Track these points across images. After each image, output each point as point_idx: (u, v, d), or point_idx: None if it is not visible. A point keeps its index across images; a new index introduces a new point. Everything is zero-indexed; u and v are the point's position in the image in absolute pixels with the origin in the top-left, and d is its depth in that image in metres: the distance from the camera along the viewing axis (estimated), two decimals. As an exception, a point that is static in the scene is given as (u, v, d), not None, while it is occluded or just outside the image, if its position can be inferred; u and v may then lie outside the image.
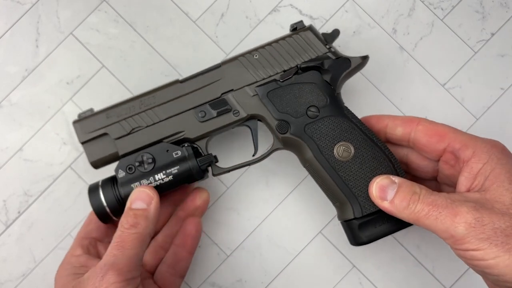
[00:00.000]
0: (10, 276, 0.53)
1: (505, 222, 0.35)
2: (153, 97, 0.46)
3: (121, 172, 0.45)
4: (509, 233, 0.34)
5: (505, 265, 0.34)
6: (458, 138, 0.41)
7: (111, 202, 0.44)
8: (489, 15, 0.54)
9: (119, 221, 0.42)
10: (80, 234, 0.47)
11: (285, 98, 0.45)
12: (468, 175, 0.39)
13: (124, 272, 0.39)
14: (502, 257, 0.34)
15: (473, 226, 0.35)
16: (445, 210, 0.36)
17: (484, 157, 0.39)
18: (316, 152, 0.44)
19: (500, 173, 0.37)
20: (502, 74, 0.54)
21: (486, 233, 0.35)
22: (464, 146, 0.40)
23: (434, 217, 0.37)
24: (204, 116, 0.46)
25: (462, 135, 0.42)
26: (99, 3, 0.55)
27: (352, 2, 0.55)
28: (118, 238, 0.41)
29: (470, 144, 0.40)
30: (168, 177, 0.45)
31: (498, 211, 0.35)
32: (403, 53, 0.54)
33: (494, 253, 0.34)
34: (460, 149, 0.41)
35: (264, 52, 0.46)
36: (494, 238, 0.34)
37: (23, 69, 0.55)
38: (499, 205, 0.36)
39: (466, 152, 0.40)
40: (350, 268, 0.52)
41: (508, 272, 0.34)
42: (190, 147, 0.46)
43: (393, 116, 0.46)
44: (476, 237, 0.35)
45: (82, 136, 0.46)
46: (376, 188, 0.41)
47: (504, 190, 0.37)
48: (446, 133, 0.42)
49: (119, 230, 0.41)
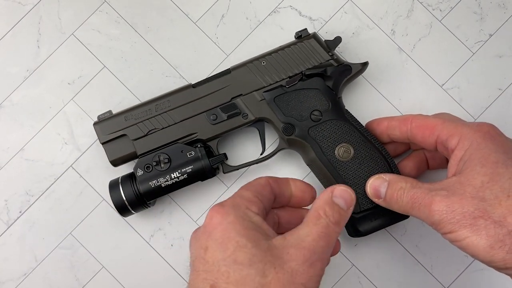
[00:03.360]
0: (11, 275, 0.53)
1: (473, 206, 0.38)
2: (168, 101, 0.49)
3: (139, 171, 0.48)
4: (477, 215, 0.37)
5: (475, 245, 0.37)
6: (445, 129, 0.43)
7: (130, 197, 0.48)
8: (487, 16, 0.55)
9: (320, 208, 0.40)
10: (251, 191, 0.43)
11: (290, 103, 0.48)
12: (453, 162, 0.42)
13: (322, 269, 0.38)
14: (471, 238, 0.37)
15: (445, 213, 0.38)
16: (423, 201, 0.40)
17: (466, 143, 0.41)
18: (319, 152, 0.47)
19: (474, 157, 0.40)
20: (500, 74, 0.54)
21: (456, 217, 0.38)
22: (451, 136, 0.42)
23: (417, 208, 0.40)
24: (215, 119, 0.49)
25: (450, 125, 0.43)
26: (100, 4, 0.56)
27: (351, 3, 0.55)
28: (325, 229, 0.39)
29: (456, 133, 0.42)
30: (183, 175, 0.48)
31: (468, 195, 0.38)
32: (401, 54, 0.54)
33: (464, 234, 0.38)
34: (448, 139, 0.43)
35: (271, 59, 0.49)
36: (463, 221, 0.38)
37: (24, 70, 0.55)
38: (470, 188, 0.39)
39: (452, 141, 0.42)
40: (349, 267, 0.53)
41: (479, 253, 0.37)
42: (203, 148, 0.49)
43: (390, 117, 0.49)
44: (448, 222, 0.38)
45: (103, 137, 0.50)
46: (370, 189, 0.45)
47: (475, 174, 0.39)
48: (435, 125, 0.44)
49: (324, 219, 0.39)
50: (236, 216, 0.39)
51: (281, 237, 0.39)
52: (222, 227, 0.38)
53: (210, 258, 0.37)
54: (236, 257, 0.36)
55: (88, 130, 0.55)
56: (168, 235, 0.54)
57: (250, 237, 0.37)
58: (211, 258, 0.37)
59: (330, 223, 0.39)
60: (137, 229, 0.54)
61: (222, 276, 0.36)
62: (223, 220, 0.38)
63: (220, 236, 0.38)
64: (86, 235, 0.54)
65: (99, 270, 0.53)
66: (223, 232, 0.38)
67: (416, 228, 0.52)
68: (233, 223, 0.38)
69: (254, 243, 0.37)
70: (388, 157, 0.47)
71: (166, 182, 0.48)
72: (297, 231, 0.39)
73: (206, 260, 0.37)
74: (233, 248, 0.37)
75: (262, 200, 0.42)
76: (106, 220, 0.54)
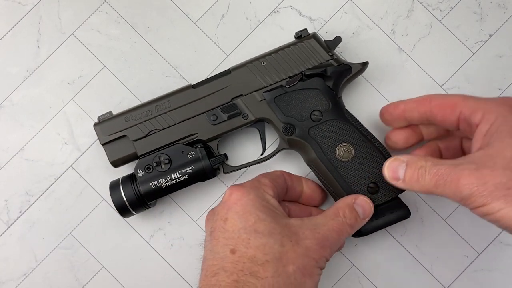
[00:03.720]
0: (11, 275, 0.53)
1: (506, 176, 0.36)
2: (168, 101, 0.49)
3: (140, 172, 0.48)
4: (510, 185, 0.36)
5: (509, 217, 0.36)
6: (467, 104, 0.42)
7: (131, 198, 0.48)
8: (487, 16, 0.55)
9: (340, 208, 0.44)
10: (268, 178, 0.46)
11: (290, 103, 0.48)
12: (478, 137, 0.40)
13: None
14: (505, 209, 0.36)
15: (476, 186, 0.37)
16: (449, 177, 0.38)
17: (491, 117, 0.40)
18: (319, 153, 0.47)
19: (503, 130, 0.38)
20: (500, 74, 0.54)
21: (488, 189, 0.36)
22: (474, 111, 0.41)
23: (442, 185, 0.39)
24: (215, 120, 0.49)
25: (472, 101, 0.42)
26: (100, 4, 0.56)
27: (351, 3, 0.55)
28: (340, 226, 0.42)
29: (479, 107, 0.41)
30: (184, 176, 0.48)
31: (499, 167, 0.37)
32: (401, 54, 0.55)
33: (498, 206, 0.36)
34: (471, 115, 0.41)
35: (271, 59, 0.49)
36: (496, 193, 0.36)
37: (24, 70, 0.55)
38: (500, 160, 0.37)
39: (476, 116, 0.41)
40: (349, 267, 0.53)
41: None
42: (203, 148, 0.49)
43: (407, 100, 0.47)
44: (480, 195, 0.36)
45: (103, 138, 0.49)
46: (388, 171, 0.42)
47: (505, 145, 0.38)
48: (456, 102, 0.43)
49: (341, 218, 0.43)
50: (255, 195, 0.42)
51: (298, 219, 0.42)
52: (242, 202, 0.41)
53: (230, 227, 0.41)
54: (257, 227, 0.40)
55: (88, 130, 0.55)
56: (168, 235, 0.54)
57: (268, 213, 0.41)
58: (231, 227, 0.41)
59: (345, 223, 0.43)
60: (137, 229, 0.54)
61: (243, 242, 0.40)
62: (243, 197, 0.42)
63: (241, 209, 0.41)
64: (86, 235, 0.54)
65: (99, 270, 0.53)
66: (244, 207, 0.41)
67: (416, 228, 0.53)
68: (252, 200, 0.41)
69: (272, 218, 0.41)
70: (388, 157, 0.46)
71: (167, 183, 0.48)
72: (314, 219, 0.43)
73: (226, 229, 0.41)
74: (254, 220, 0.40)
75: (277, 187, 0.45)
76: (106, 220, 0.54)
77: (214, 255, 0.41)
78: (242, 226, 0.40)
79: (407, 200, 0.51)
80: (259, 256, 0.39)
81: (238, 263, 0.39)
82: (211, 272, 0.40)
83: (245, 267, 0.39)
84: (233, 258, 0.39)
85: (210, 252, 0.41)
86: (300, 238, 0.40)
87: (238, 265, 0.39)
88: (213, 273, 0.39)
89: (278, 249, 0.39)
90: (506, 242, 0.52)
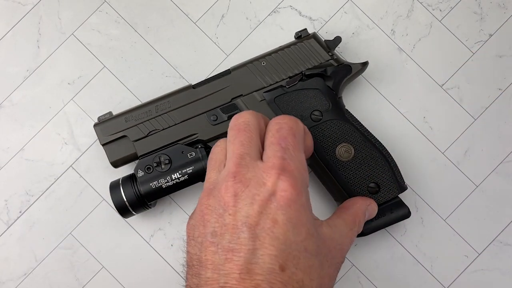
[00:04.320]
0: (11, 275, 0.53)
1: None
2: (168, 102, 0.49)
3: (140, 172, 0.48)
4: None
5: None
6: None
7: (131, 198, 0.48)
8: (487, 16, 0.55)
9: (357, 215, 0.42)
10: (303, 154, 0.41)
11: (290, 103, 0.48)
12: None
13: None
14: None
15: None
16: None
17: None
18: (320, 152, 0.47)
19: None
20: (500, 75, 0.54)
21: None
22: None
23: None
24: (216, 120, 0.49)
25: None
26: (100, 4, 0.56)
27: (351, 3, 0.55)
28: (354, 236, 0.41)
29: None
30: (184, 176, 0.48)
31: None
32: (401, 54, 0.55)
33: None
34: None
35: (271, 60, 0.49)
36: None
37: (24, 70, 0.55)
38: None
39: None
40: (349, 267, 0.53)
41: None
42: (204, 149, 0.49)
43: None
44: None
45: (103, 138, 0.49)
46: None
47: None
48: None
49: (356, 228, 0.42)
50: (306, 198, 0.35)
51: (327, 226, 0.37)
52: (296, 207, 0.33)
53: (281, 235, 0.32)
54: (307, 245, 0.33)
55: (88, 130, 0.55)
56: (168, 235, 0.54)
57: (315, 225, 0.35)
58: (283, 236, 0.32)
59: (356, 232, 0.41)
60: (137, 229, 0.54)
61: (293, 260, 0.32)
62: (297, 199, 0.33)
63: (295, 217, 0.33)
64: (86, 235, 0.54)
65: (99, 270, 0.53)
66: (297, 214, 0.33)
67: (416, 228, 0.53)
68: (304, 206, 0.34)
69: (316, 232, 0.35)
70: (388, 157, 0.47)
71: (167, 183, 0.48)
72: (339, 227, 0.39)
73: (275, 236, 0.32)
74: (304, 235, 0.33)
75: None
76: (106, 220, 0.54)
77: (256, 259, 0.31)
78: (293, 240, 0.32)
79: (407, 200, 0.52)
80: (307, 282, 0.32)
81: (287, 285, 0.31)
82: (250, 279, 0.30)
83: None
84: (282, 277, 0.31)
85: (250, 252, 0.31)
86: (333, 257, 0.36)
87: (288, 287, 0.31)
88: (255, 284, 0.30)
89: (320, 273, 0.34)
90: (506, 242, 0.52)
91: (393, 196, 0.47)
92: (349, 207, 0.43)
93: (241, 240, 0.32)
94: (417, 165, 0.53)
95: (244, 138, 0.36)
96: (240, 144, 0.36)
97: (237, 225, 0.32)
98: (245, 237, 0.32)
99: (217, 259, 0.32)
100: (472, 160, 0.53)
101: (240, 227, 0.32)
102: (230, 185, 0.33)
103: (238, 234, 0.32)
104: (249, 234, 0.32)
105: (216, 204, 0.34)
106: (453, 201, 0.53)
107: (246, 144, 0.36)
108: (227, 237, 0.32)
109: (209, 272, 0.32)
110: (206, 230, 0.33)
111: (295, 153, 0.35)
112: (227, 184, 0.34)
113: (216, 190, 0.34)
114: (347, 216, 0.41)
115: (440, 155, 0.53)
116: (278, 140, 0.35)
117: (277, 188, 0.33)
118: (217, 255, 0.32)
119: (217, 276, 0.31)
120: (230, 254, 0.31)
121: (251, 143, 0.36)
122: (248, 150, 0.35)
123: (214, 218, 0.33)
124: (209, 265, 0.32)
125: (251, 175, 0.34)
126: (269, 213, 0.32)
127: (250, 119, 0.37)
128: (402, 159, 0.53)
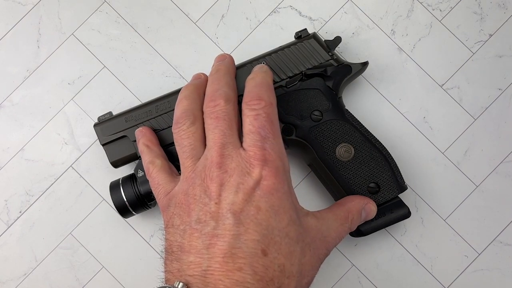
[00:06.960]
0: (11, 275, 0.53)
1: None
2: (168, 102, 0.49)
3: (140, 172, 0.48)
4: None
5: None
6: None
7: (131, 198, 0.48)
8: (487, 16, 0.55)
9: (350, 212, 0.42)
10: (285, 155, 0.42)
11: (290, 103, 0.48)
12: None
13: None
14: None
15: None
16: None
17: None
18: (320, 153, 0.47)
19: None
20: (500, 75, 0.54)
21: None
22: None
23: None
24: None
25: None
26: (100, 4, 0.56)
27: (351, 3, 0.55)
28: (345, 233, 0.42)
29: None
30: None
31: None
32: (401, 54, 0.55)
33: None
34: None
35: (271, 60, 0.49)
36: None
37: (24, 70, 0.55)
38: None
39: None
40: (349, 267, 0.53)
41: None
42: None
43: None
44: None
45: (103, 138, 0.49)
46: None
47: None
48: None
49: (348, 224, 0.42)
50: (289, 185, 0.37)
51: (313, 217, 0.38)
52: (279, 195, 0.35)
53: (264, 221, 0.34)
54: (288, 231, 0.35)
55: (88, 130, 0.55)
56: (168, 235, 0.54)
57: (297, 213, 0.37)
58: (265, 222, 0.34)
59: (348, 229, 0.41)
60: (137, 229, 0.54)
61: (275, 245, 0.34)
62: (280, 187, 0.35)
63: (277, 204, 0.35)
64: (86, 235, 0.54)
65: (99, 270, 0.53)
66: (279, 201, 0.35)
67: (416, 228, 0.53)
68: (286, 194, 0.36)
69: (299, 220, 0.36)
70: (388, 157, 0.47)
71: None
72: (327, 221, 0.40)
73: (259, 222, 0.34)
74: (287, 221, 0.35)
75: None
76: (106, 220, 0.54)
77: (240, 244, 0.32)
78: (276, 226, 0.34)
79: (407, 200, 0.52)
80: (288, 267, 0.34)
81: (269, 269, 0.33)
82: (233, 262, 0.32)
83: (275, 276, 0.33)
84: (264, 261, 0.33)
85: (234, 237, 0.33)
86: (317, 247, 0.37)
87: (269, 271, 0.33)
88: (238, 267, 0.32)
89: (301, 260, 0.35)
90: (506, 242, 0.52)
91: (393, 196, 0.47)
92: (344, 204, 0.43)
93: (225, 226, 0.33)
94: (417, 165, 0.53)
95: (225, 127, 0.37)
96: (222, 133, 0.37)
97: (222, 212, 0.34)
98: (229, 223, 0.33)
99: (200, 244, 0.33)
100: (472, 160, 0.53)
101: (225, 214, 0.34)
102: (216, 175, 0.35)
103: (223, 220, 0.33)
104: (234, 220, 0.33)
105: (201, 193, 0.35)
106: (453, 201, 0.53)
107: (227, 133, 0.37)
108: (212, 224, 0.34)
109: (192, 257, 0.33)
110: (190, 219, 0.34)
111: (275, 140, 0.37)
112: (212, 175, 0.35)
113: (200, 179, 0.36)
114: (339, 212, 0.42)
115: (440, 155, 0.53)
116: (257, 129, 0.37)
117: (261, 178, 0.35)
118: (200, 240, 0.33)
119: (200, 260, 0.33)
120: (215, 239, 0.33)
121: (232, 131, 0.37)
122: (229, 139, 0.37)
123: (199, 207, 0.35)
124: (192, 250, 0.33)
125: (235, 165, 0.35)
126: (253, 200, 0.34)
127: (227, 108, 0.38)
128: (402, 159, 0.53)
